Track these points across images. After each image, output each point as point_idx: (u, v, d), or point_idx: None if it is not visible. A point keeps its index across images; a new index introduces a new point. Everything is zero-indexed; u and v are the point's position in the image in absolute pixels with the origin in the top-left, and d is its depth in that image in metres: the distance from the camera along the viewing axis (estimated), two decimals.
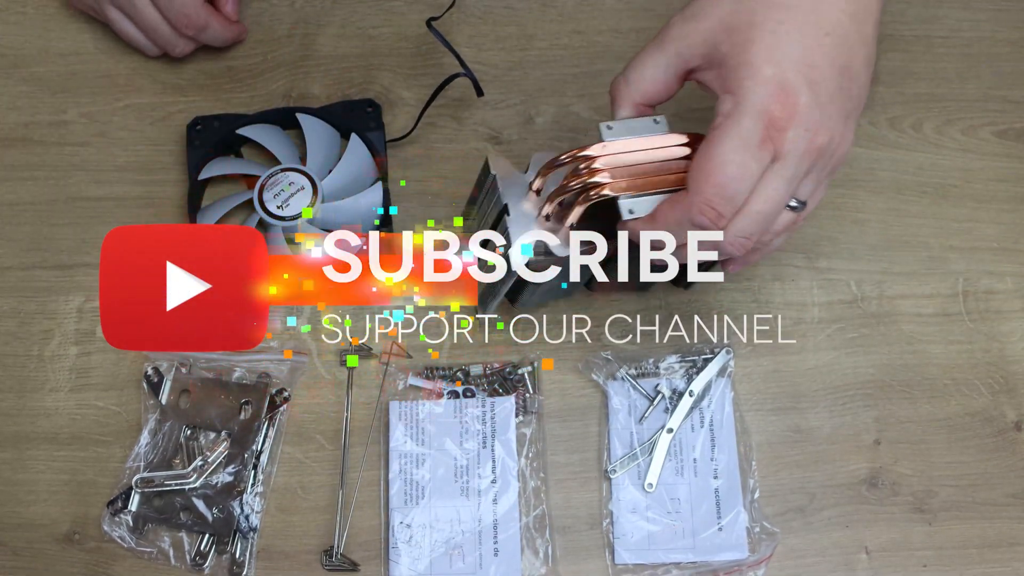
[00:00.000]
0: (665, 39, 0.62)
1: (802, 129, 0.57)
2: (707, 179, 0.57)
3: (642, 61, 0.63)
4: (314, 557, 0.71)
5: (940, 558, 0.71)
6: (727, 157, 0.57)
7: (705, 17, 0.60)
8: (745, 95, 0.57)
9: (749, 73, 0.57)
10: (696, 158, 0.58)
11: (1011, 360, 0.76)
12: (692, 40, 0.60)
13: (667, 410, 0.74)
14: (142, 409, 0.74)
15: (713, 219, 0.58)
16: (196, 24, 0.79)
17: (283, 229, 0.76)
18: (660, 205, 0.60)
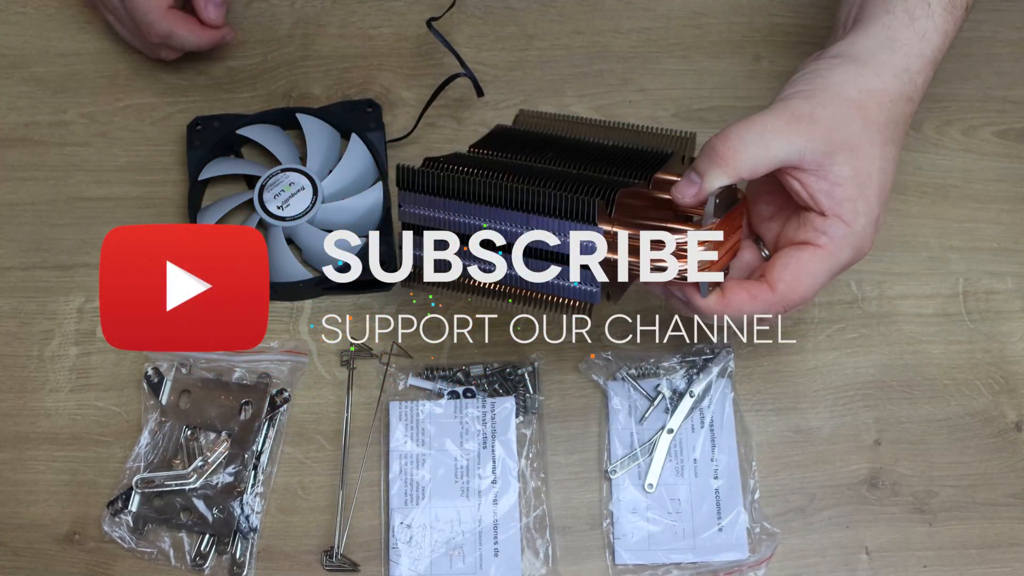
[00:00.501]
0: (793, 131, 0.58)
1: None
2: (799, 292, 0.59)
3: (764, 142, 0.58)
4: (314, 557, 0.71)
5: (940, 558, 0.71)
6: (821, 280, 0.60)
7: (835, 128, 0.59)
8: (855, 230, 0.59)
9: (864, 210, 0.59)
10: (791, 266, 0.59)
11: (1011, 360, 0.76)
12: (816, 146, 0.58)
13: (667, 410, 0.74)
14: (142, 409, 0.74)
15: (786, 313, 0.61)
16: (159, 32, 0.77)
17: (283, 229, 0.77)
18: (736, 293, 0.60)
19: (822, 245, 0.59)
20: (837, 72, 0.60)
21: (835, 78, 0.60)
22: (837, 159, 0.58)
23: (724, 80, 0.84)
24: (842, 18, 0.66)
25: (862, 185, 0.59)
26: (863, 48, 0.61)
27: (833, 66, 0.61)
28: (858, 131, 0.59)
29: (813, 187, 0.59)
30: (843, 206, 0.59)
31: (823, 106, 0.59)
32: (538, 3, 0.87)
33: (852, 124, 0.59)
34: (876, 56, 0.61)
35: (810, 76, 0.60)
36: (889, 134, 0.60)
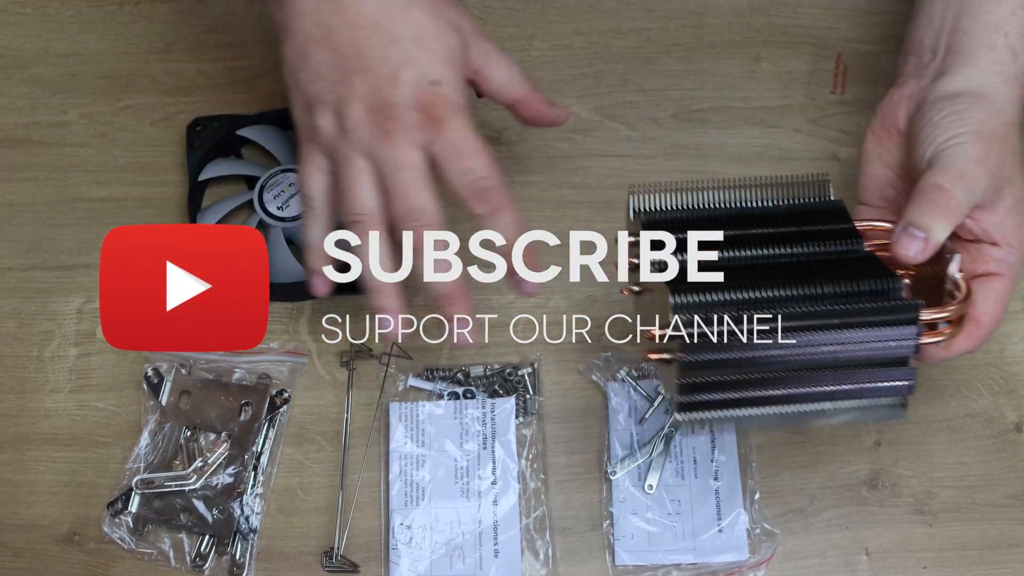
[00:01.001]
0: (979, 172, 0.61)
1: None
2: (998, 320, 0.63)
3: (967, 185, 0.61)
4: (314, 558, 0.71)
5: (940, 559, 0.71)
6: (1008, 302, 0.63)
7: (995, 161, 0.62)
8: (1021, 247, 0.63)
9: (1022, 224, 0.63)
10: (991, 299, 0.62)
11: (1011, 361, 0.76)
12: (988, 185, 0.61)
13: (667, 411, 0.74)
14: (142, 410, 0.74)
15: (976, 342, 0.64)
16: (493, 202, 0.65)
17: (283, 230, 0.76)
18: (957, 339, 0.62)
19: (1005, 273, 0.63)
20: (979, 113, 0.63)
21: (980, 119, 0.62)
22: (1004, 193, 0.62)
23: (724, 81, 0.84)
24: (928, 43, 0.68)
25: (1021, 212, 0.63)
26: (983, 85, 0.64)
27: (971, 106, 0.63)
28: (1012, 164, 0.63)
29: (986, 222, 0.62)
30: (1012, 233, 0.62)
31: (990, 146, 0.62)
32: (538, 4, 0.87)
33: (1008, 159, 0.62)
34: (1000, 92, 0.64)
35: (956, 120, 0.62)
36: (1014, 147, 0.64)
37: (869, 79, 0.84)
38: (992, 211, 0.62)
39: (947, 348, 0.62)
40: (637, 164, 0.81)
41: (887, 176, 0.67)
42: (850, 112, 0.83)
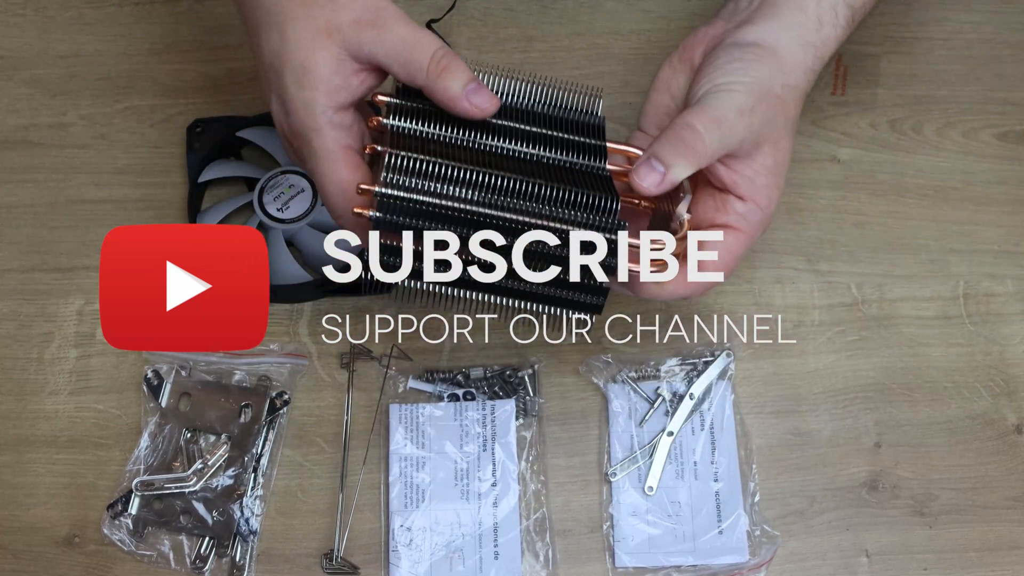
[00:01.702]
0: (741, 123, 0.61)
1: None
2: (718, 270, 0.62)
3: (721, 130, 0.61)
4: (314, 560, 0.71)
5: (940, 561, 0.71)
6: (739, 258, 0.63)
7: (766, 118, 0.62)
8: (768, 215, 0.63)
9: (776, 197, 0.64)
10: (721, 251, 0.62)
11: (1011, 363, 0.76)
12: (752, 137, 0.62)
13: (667, 413, 0.74)
14: (142, 412, 0.74)
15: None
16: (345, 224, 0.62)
17: (283, 231, 0.76)
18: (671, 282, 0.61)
19: (742, 229, 0.63)
20: (764, 67, 0.63)
21: (762, 74, 0.63)
22: (763, 150, 0.62)
23: None
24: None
25: (777, 175, 0.63)
26: (779, 42, 0.64)
27: (760, 58, 0.63)
28: (781, 126, 0.63)
29: (738, 173, 0.62)
30: (761, 193, 0.62)
31: (760, 101, 0.62)
32: (538, 5, 0.87)
33: (778, 119, 0.63)
34: (793, 54, 0.64)
35: (739, 67, 0.63)
36: (795, 127, 0.65)
37: (869, 81, 0.84)
38: (747, 165, 0.62)
39: (660, 285, 0.61)
40: None
41: (668, 106, 0.68)
42: (850, 113, 0.83)
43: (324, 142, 0.59)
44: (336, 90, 0.60)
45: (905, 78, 0.84)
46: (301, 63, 0.59)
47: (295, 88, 0.59)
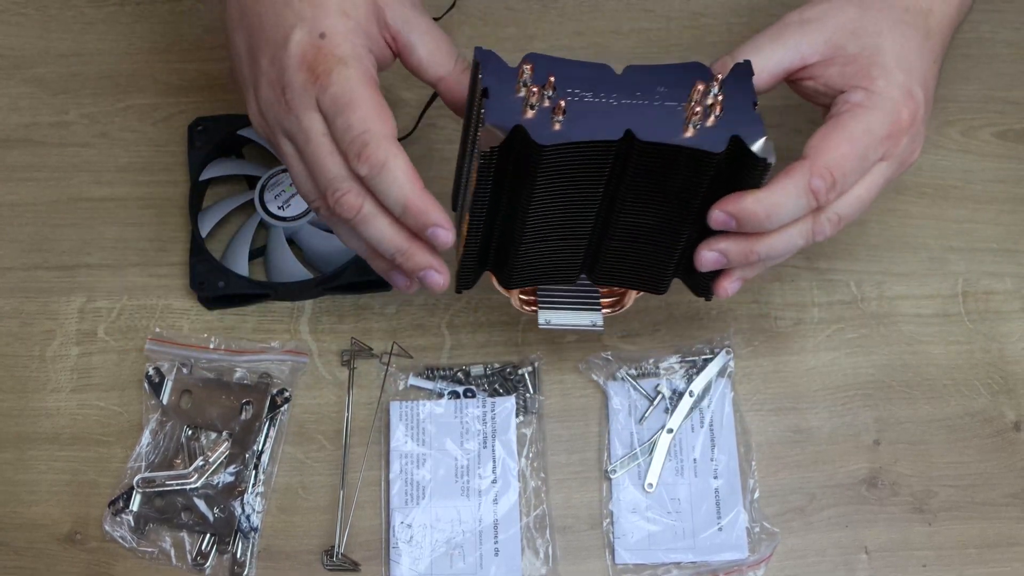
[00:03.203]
0: (784, 34, 0.62)
1: (911, 140, 0.61)
2: (833, 149, 0.59)
3: (758, 49, 0.62)
4: (315, 557, 0.71)
5: (940, 558, 0.71)
6: (856, 137, 0.59)
7: (828, 20, 0.61)
8: (880, 92, 0.59)
9: (882, 73, 0.60)
10: (819, 134, 0.59)
11: (1010, 360, 0.76)
12: (813, 39, 0.61)
13: (667, 410, 0.74)
14: (143, 409, 0.74)
15: (828, 186, 0.58)
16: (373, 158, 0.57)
17: (284, 229, 0.77)
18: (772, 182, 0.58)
19: (844, 111, 0.59)
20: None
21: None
22: (840, 43, 0.60)
23: None
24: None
25: (874, 56, 0.60)
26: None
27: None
28: (855, 15, 0.61)
29: (825, 75, 0.61)
30: (858, 75, 0.60)
31: (812, 6, 0.61)
32: (538, 4, 0.87)
33: (846, 11, 0.61)
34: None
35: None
36: (896, 16, 0.61)
37: None
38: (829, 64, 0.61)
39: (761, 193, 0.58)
40: None
41: None
42: None
43: (362, 64, 0.58)
44: (372, 36, 0.60)
45: None
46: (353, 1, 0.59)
47: (339, 16, 0.59)
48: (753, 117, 0.57)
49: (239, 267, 0.76)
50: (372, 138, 0.56)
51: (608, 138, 0.56)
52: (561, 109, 0.55)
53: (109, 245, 0.79)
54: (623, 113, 0.57)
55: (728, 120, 0.57)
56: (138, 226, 0.79)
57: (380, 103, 0.57)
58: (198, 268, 0.75)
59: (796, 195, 0.58)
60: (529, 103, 0.56)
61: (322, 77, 0.57)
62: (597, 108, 0.57)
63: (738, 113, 0.57)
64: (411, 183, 0.57)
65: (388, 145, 0.56)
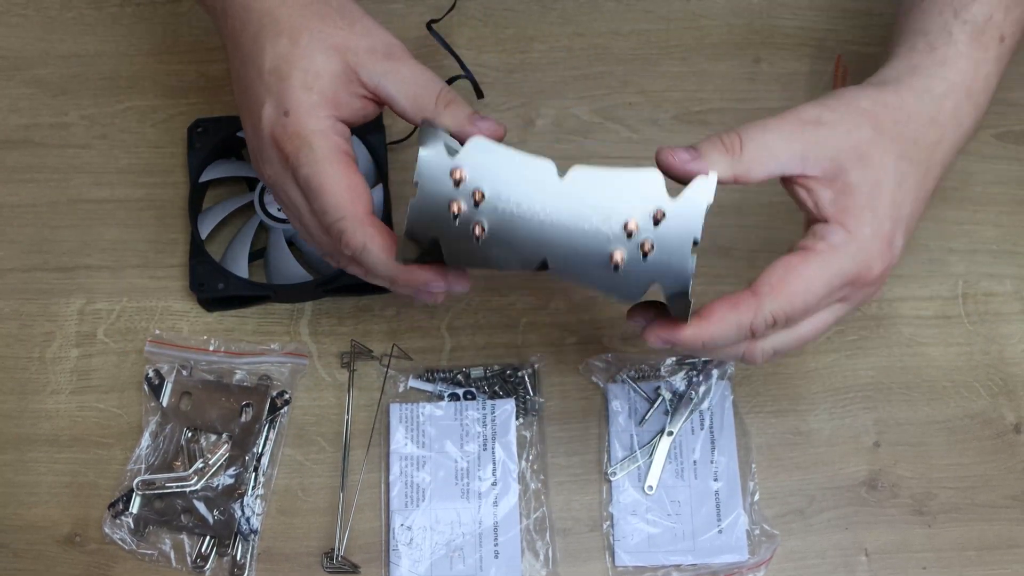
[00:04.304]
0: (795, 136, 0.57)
1: (877, 288, 0.59)
2: (788, 292, 0.56)
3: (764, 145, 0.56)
4: (315, 559, 0.71)
5: (939, 560, 0.71)
6: (814, 284, 0.56)
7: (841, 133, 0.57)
8: (861, 240, 0.57)
9: (872, 220, 0.57)
10: (780, 268, 0.56)
11: (1010, 362, 0.76)
12: (821, 153, 0.56)
13: (667, 412, 0.74)
14: (143, 411, 0.74)
15: (768, 328, 0.56)
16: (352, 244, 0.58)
17: (284, 231, 0.77)
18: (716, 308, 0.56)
19: (816, 249, 0.56)
20: (855, 90, 0.59)
21: (850, 93, 0.59)
22: (844, 166, 0.57)
23: (724, 82, 0.84)
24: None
25: (871, 195, 0.57)
26: (884, 76, 0.61)
27: (854, 89, 0.60)
28: (868, 138, 0.57)
29: (819, 194, 0.57)
30: (848, 212, 0.56)
31: (831, 110, 0.57)
32: (538, 5, 0.87)
33: (861, 130, 0.57)
34: (899, 81, 0.60)
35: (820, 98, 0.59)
36: (904, 149, 0.58)
37: None
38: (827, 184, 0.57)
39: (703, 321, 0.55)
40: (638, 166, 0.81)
41: None
42: None
43: (328, 143, 0.59)
44: (342, 103, 0.60)
45: None
46: (313, 68, 0.59)
47: (302, 90, 0.59)
48: (684, 262, 0.54)
49: (239, 269, 0.76)
50: (347, 225, 0.58)
51: (523, 268, 0.55)
52: (482, 230, 0.54)
53: (109, 247, 0.79)
54: (549, 234, 0.54)
55: (658, 259, 0.54)
56: (138, 228, 0.79)
57: (350, 181, 0.58)
58: (198, 270, 0.75)
59: (736, 331, 0.56)
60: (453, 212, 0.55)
61: (291, 157, 0.59)
62: (523, 226, 0.54)
63: (671, 254, 0.54)
64: (390, 261, 0.58)
65: (363, 228, 0.58)
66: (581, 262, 0.55)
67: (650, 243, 0.54)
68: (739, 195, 0.79)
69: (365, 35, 0.61)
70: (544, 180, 0.54)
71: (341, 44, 0.60)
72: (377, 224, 0.58)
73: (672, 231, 0.54)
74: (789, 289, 0.56)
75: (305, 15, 0.61)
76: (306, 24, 0.60)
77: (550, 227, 0.54)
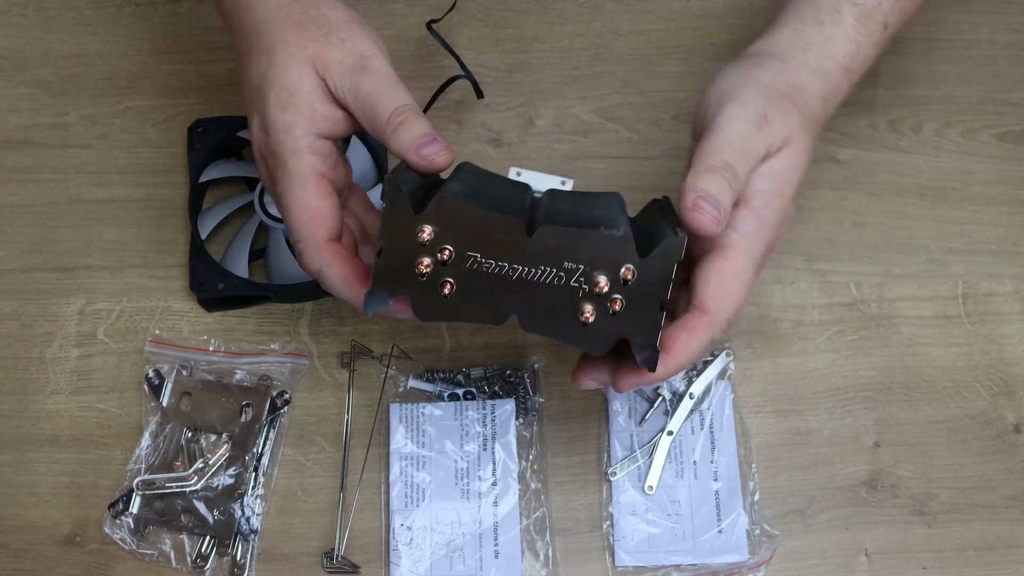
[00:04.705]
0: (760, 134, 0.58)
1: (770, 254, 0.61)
2: (731, 297, 0.57)
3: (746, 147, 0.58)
4: (315, 559, 0.71)
5: (939, 560, 0.71)
6: (746, 275, 0.58)
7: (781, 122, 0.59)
8: (767, 224, 0.58)
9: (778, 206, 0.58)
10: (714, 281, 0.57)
11: (1010, 362, 0.76)
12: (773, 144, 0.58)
13: (667, 412, 0.74)
14: (143, 411, 0.74)
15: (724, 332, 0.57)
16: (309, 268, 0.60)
17: (284, 232, 0.77)
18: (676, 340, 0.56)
19: (734, 246, 0.57)
20: (764, 70, 0.61)
21: (765, 77, 0.60)
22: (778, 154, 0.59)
23: None
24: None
25: (784, 182, 0.59)
26: (778, 47, 0.62)
27: (759, 64, 0.61)
28: (797, 126, 0.59)
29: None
30: (757, 199, 0.58)
31: (771, 105, 0.59)
32: (538, 5, 0.87)
33: (792, 119, 0.59)
34: (793, 55, 0.62)
35: (741, 77, 0.60)
36: (813, 129, 0.61)
37: (868, 81, 0.84)
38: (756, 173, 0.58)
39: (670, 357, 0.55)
40: (637, 166, 0.81)
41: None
42: (849, 114, 0.83)
43: (300, 164, 0.59)
44: (319, 118, 0.60)
45: (904, 78, 0.84)
46: (287, 85, 0.59)
47: (277, 109, 0.59)
48: (653, 319, 0.54)
49: (239, 269, 0.76)
50: (306, 247, 0.59)
51: (492, 323, 0.55)
52: (451, 289, 0.54)
53: (109, 247, 0.79)
54: (517, 292, 0.54)
55: (627, 317, 0.54)
56: (138, 228, 0.79)
57: (316, 205, 0.59)
58: (198, 270, 0.75)
59: (700, 352, 0.57)
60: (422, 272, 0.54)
61: (272, 174, 0.61)
62: (491, 283, 0.54)
63: (640, 311, 0.54)
64: (346, 284, 0.59)
65: (319, 255, 0.59)
66: (550, 319, 0.55)
67: (620, 302, 0.54)
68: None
69: (339, 46, 0.60)
70: (512, 238, 0.54)
71: (314, 56, 0.60)
72: (336, 251, 0.59)
73: (641, 290, 0.54)
74: (730, 292, 0.57)
75: (283, 27, 0.61)
76: (283, 38, 0.60)
77: (519, 285, 0.54)
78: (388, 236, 0.54)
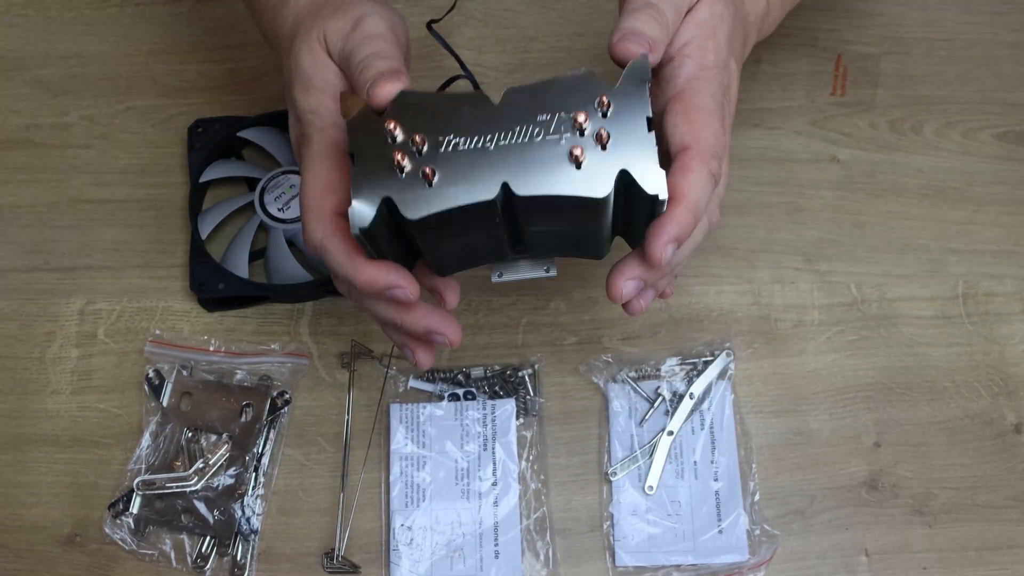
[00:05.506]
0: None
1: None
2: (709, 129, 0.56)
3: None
4: (315, 559, 0.71)
5: (940, 560, 0.71)
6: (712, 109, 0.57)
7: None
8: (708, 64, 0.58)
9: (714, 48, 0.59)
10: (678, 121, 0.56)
11: (1011, 363, 0.76)
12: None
13: (667, 412, 0.74)
14: (143, 411, 0.74)
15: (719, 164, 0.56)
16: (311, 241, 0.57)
17: (284, 231, 0.77)
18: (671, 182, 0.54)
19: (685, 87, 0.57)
20: None
21: None
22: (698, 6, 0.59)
23: None
24: None
25: (713, 27, 0.59)
26: None
27: None
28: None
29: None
30: (690, 45, 0.58)
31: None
32: (538, 5, 0.87)
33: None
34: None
35: None
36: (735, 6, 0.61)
37: (868, 81, 0.84)
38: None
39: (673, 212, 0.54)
40: None
41: None
42: (850, 113, 0.83)
43: (324, 138, 0.59)
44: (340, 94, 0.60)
45: (904, 78, 0.84)
46: (305, 71, 0.60)
47: (302, 96, 0.60)
48: (645, 140, 0.52)
49: (239, 269, 0.76)
50: (311, 217, 0.56)
51: (483, 198, 0.52)
52: (432, 173, 0.52)
53: (109, 247, 0.79)
54: (501, 159, 0.52)
55: (618, 145, 0.52)
56: (138, 228, 0.79)
57: (328, 176, 0.57)
58: (198, 270, 0.75)
59: (704, 184, 0.55)
60: (400, 166, 0.52)
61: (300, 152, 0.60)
62: (472, 158, 0.53)
63: (629, 136, 0.52)
64: (348, 259, 0.55)
65: (324, 222, 0.56)
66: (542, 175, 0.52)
67: (605, 132, 0.53)
68: (740, 195, 0.80)
69: (340, 17, 0.60)
70: (480, 111, 0.53)
71: (318, 33, 0.60)
72: (340, 224, 0.56)
73: (623, 114, 0.53)
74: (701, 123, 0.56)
75: (300, 16, 0.62)
76: (299, 26, 0.61)
77: (501, 153, 0.53)
78: (357, 142, 0.53)
